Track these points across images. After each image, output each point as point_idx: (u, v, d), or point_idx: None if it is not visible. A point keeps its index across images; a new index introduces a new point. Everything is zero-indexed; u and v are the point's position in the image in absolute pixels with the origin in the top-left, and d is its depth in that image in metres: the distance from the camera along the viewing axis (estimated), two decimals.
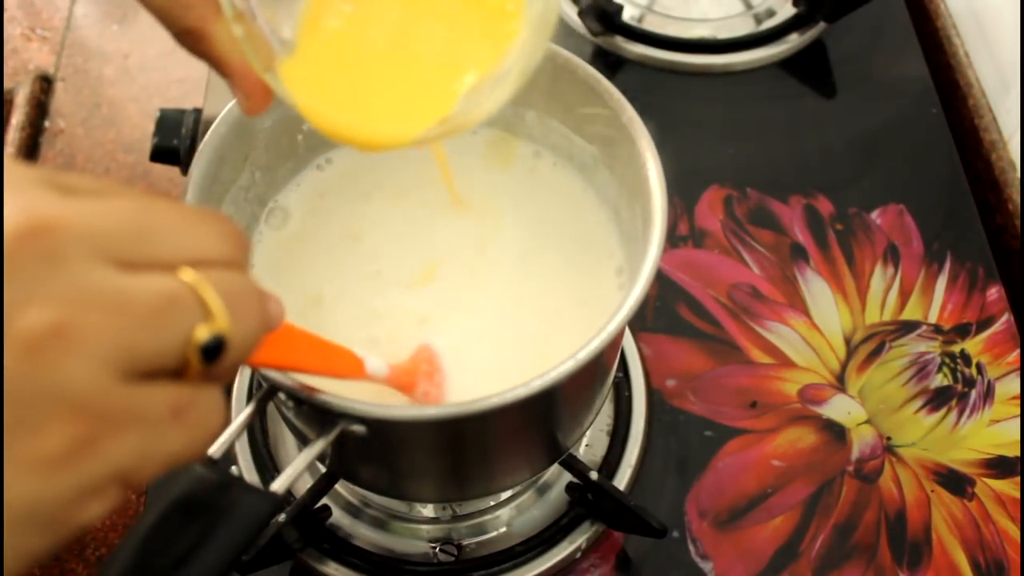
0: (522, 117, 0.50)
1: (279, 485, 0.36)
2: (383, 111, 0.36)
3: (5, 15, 0.86)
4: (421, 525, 0.57)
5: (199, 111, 0.68)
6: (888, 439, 0.62)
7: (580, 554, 0.57)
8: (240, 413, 0.39)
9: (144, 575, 0.30)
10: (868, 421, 0.63)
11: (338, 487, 0.57)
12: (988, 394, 0.64)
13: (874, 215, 0.72)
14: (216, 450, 0.36)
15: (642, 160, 0.43)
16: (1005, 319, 0.67)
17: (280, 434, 0.60)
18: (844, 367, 0.65)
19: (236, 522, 0.32)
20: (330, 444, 0.38)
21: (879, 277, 0.69)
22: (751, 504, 0.59)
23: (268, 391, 0.40)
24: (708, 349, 0.65)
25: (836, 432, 0.62)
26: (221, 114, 0.44)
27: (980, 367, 0.65)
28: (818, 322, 0.66)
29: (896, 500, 0.60)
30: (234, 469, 0.58)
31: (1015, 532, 0.59)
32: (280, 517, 0.50)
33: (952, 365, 0.65)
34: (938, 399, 0.64)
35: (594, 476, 0.53)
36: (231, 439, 0.37)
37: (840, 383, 0.64)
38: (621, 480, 0.58)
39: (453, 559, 0.56)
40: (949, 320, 0.67)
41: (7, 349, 0.20)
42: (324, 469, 0.53)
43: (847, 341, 0.66)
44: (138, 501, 0.61)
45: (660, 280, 0.68)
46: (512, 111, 0.50)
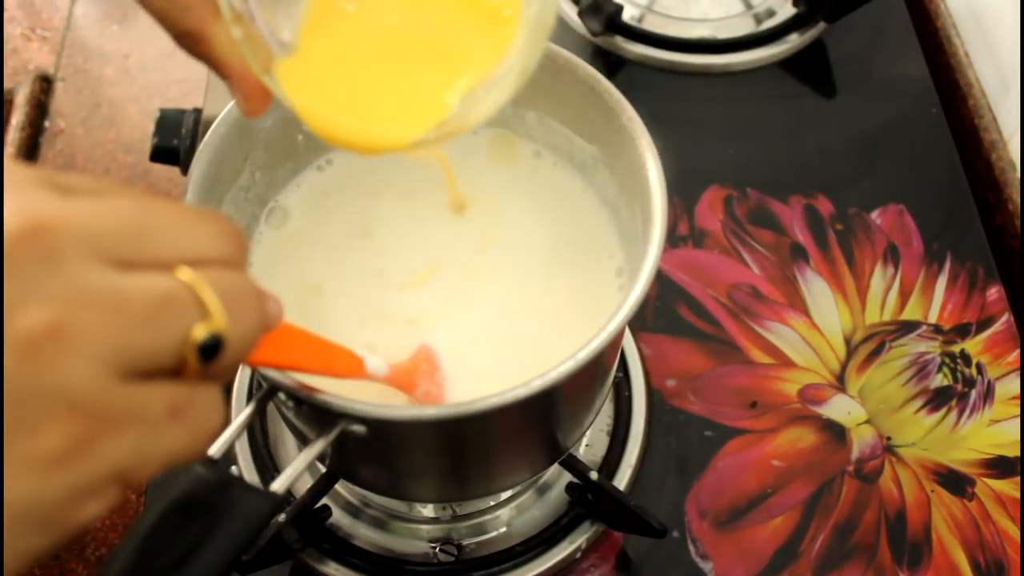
0: (522, 117, 0.50)
1: (279, 485, 0.36)
2: (380, 114, 0.36)
3: (5, 15, 0.86)
4: (421, 525, 0.57)
5: (199, 111, 0.68)
6: (888, 439, 0.62)
7: (580, 554, 0.57)
8: (240, 413, 0.39)
9: (144, 575, 0.30)
10: (868, 421, 0.63)
11: (338, 487, 0.57)
12: (988, 394, 0.64)
13: (874, 215, 0.72)
14: (216, 450, 0.36)
15: (642, 160, 0.43)
16: (1005, 319, 0.67)
17: (280, 434, 0.60)
18: (844, 367, 0.65)
19: (236, 522, 0.32)
20: (330, 444, 0.38)
21: (879, 277, 0.69)
22: (751, 504, 0.59)
23: (268, 391, 0.40)
24: (708, 349, 0.65)
25: (836, 432, 0.62)
26: (221, 114, 0.44)
27: (980, 367, 0.65)
28: (818, 322, 0.66)
29: (896, 500, 0.60)
30: (234, 469, 0.58)
31: (1015, 532, 0.59)
32: (280, 517, 0.50)
33: (952, 365, 0.65)
34: (938, 399, 0.64)
35: (594, 476, 0.53)
36: (231, 439, 0.37)
37: (840, 383, 0.64)
38: (621, 480, 0.58)
39: (453, 559, 0.56)
40: (949, 320, 0.67)
41: (6, 349, 0.20)
42: (324, 469, 0.53)
43: (847, 341, 0.66)
44: (138, 501, 0.61)
45: (660, 280, 0.68)
46: (512, 111, 0.50)
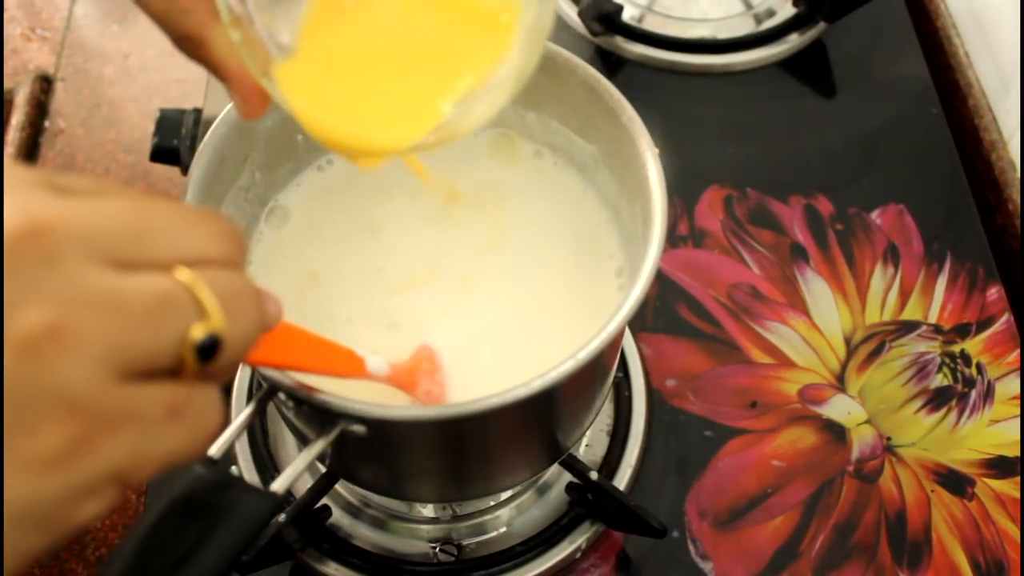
0: (522, 117, 0.50)
1: (279, 485, 0.36)
2: (377, 118, 0.36)
3: (5, 15, 0.86)
4: (421, 525, 0.57)
5: (199, 111, 0.68)
6: (888, 439, 0.62)
7: (580, 554, 0.57)
8: (240, 413, 0.39)
9: (144, 575, 0.30)
10: (868, 421, 0.63)
11: (338, 487, 0.57)
12: (988, 394, 0.64)
13: (874, 215, 0.72)
14: (216, 450, 0.36)
15: (642, 160, 0.43)
16: (1005, 319, 0.67)
17: (280, 434, 0.60)
18: (844, 367, 0.65)
19: (236, 522, 0.32)
20: (330, 444, 0.38)
21: (879, 277, 0.69)
22: (751, 504, 0.59)
23: (268, 391, 0.40)
24: (708, 349, 0.65)
25: (836, 432, 0.62)
26: (221, 114, 0.44)
27: (980, 367, 0.65)
28: (818, 322, 0.66)
29: (896, 500, 0.60)
30: (234, 469, 0.58)
31: (1015, 532, 0.59)
32: (280, 517, 0.50)
33: (952, 365, 0.65)
34: (938, 399, 0.64)
35: (594, 476, 0.53)
36: (231, 439, 0.37)
37: (840, 383, 0.64)
38: (621, 480, 0.58)
39: (453, 559, 0.56)
40: (949, 320, 0.67)
41: (5, 349, 0.20)
42: (324, 469, 0.53)
43: (847, 341, 0.66)
44: (138, 501, 0.61)
45: (660, 280, 0.68)
46: (513, 111, 0.50)
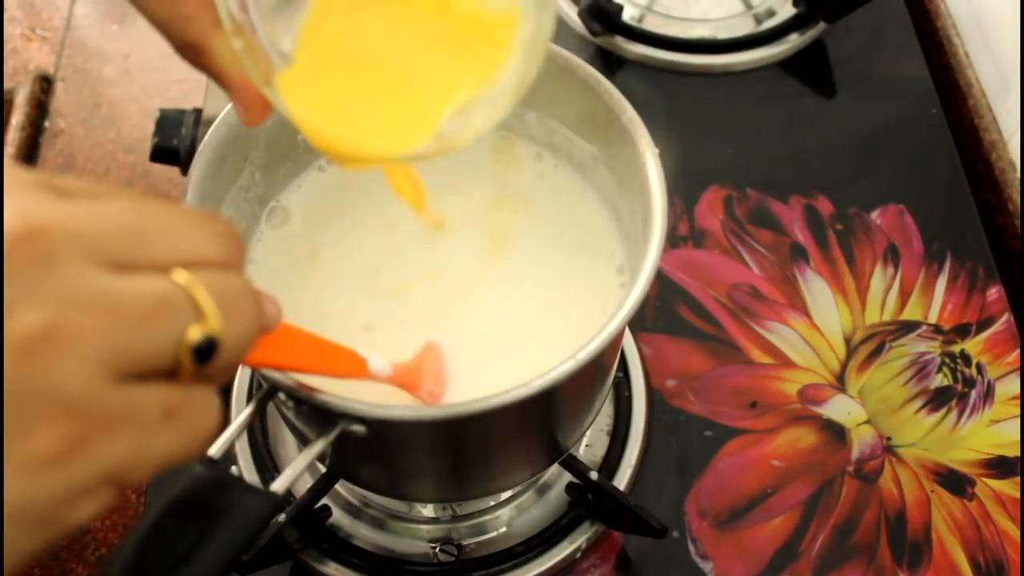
0: (522, 117, 0.50)
1: (279, 485, 0.36)
2: (377, 127, 0.36)
3: (5, 15, 0.86)
4: (421, 525, 0.57)
5: (199, 111, 0.68)
6: (888, 439, 0.62)
7: (580, 554, 0.57)
8: (240, 413, 0.39)
9: (144, 575, 0.30)
10: (868, 421, 0.63)
11: (338, 487, 0.57)
12: (988, 394, 0.64)
13: (874, 215, 0.72)
14: (216, 450, 0.36)
15: (642, 160, 0.43)
16: (1005, 319, 0.67)
17: (280, 434, 0.60)
18: (844, 367, 0.65)
19: (236, 522, 0.32)
20: (330, 444, 0.38)
21: (879, 277, 0.69)
22: (751, 504, 0.59)
23: (268, 391, 0.40)
24: (708, 349, 0.65)
25: (836, 432, 0.62)
26: (221, 114, 0.44)
27: (980, 367, 0.65)
28: (818, 322, 0.66)
29: (896, 500, 0.60)
30: (234, 469, 0.58)
31: (1015, 532, 0.59)
32: (280, 517, 0.50)
33: (952, 365, 0.65)
34: (938, 399, 0.64)
35: (594, 476, 0.53)
36: (231, 439, 0.37)
37: (840, 383, 0.64)
38: (621, 480, 0.58)
39: (453, 559, 0.56)
40: (949, 320, 0.67)
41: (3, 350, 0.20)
42: (324, 469, 0.53)
43: (847, 341, 0.66)
44: (138, 501, 0.61)
45: (660, 280, 0.68)
46: (513, 112, 0.50)
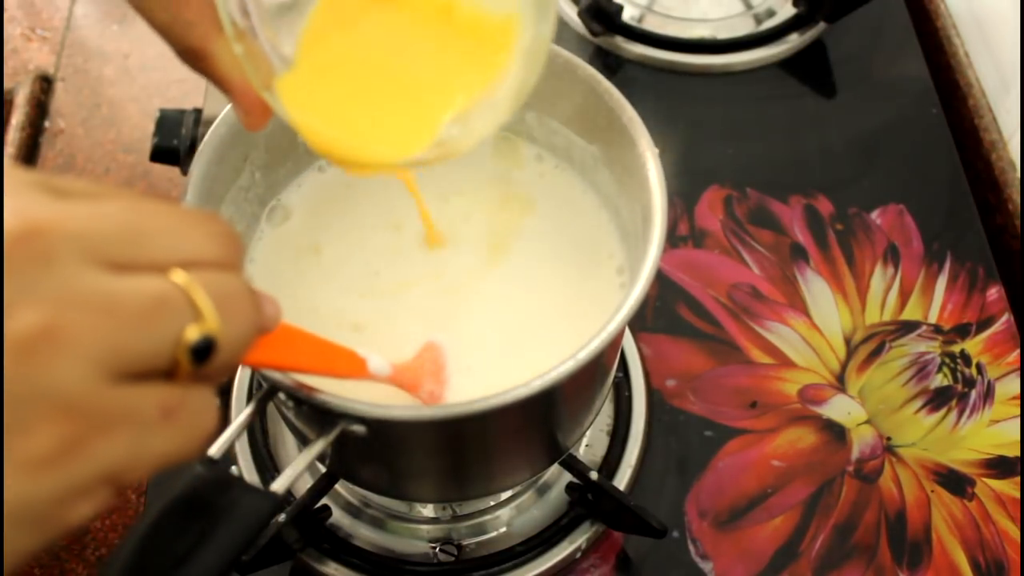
0: (522, 118, 0.50)
1: (279, 485, 0.36)
2: (378, 132, 0.36)
3: (5, 15, 0.86)
4: (421, 525, 0.57)
5: (199, 111, 0.68)
6: (888, 439, 0.62)
7: (580, 554, 0.57)
8: (240, 413, 0.39)
9: (144, 575, 0.30)
10: (868, 421, 0.63)
11: (338, 487, 0.57)
12: (988, 394, 0.64)
13: (874, 215, 0.72)
14: (216, 450, 0.36)
15: (642, 160, 0.43)
16: (1005, 319, 0.67)
17: (280, 434, 0.60)
18: (844, 367, 0.65)
19: (236, 522, 0.32)
20: (330, 444, 0.38)
21: (879, 277, 0.69)
22: (751, 504, 0.59)
23: (268, 391, 0.40)
24: (708, 349, 0.65)
25: (836, 432, 0.62)
26: (221, 114, 0.44)
27: (980, 367, 0.65)
28: (818, 322, 0.66)
29: (896, 500, 0.60)
30: (234, 469, 0.58)
31: (1015, 532, 0.59)
32: (280, 517, 0.50)
33: (952, 365, 0.65)
34: (938, 399, 0.64)
35: (594, 476, 0.53)
36: (231, 439, 0.37)
37: (840, 383, 0.64)
38: (621, 480, 0.58)
39: (453, 559, 0.56)
40: (949, 320, 0.67)
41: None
42: (324, 469, 0.53)
43: (847, 341, 0.66)
44: (138, 501, 0.61)
45: (660, 280, 0.68)
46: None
